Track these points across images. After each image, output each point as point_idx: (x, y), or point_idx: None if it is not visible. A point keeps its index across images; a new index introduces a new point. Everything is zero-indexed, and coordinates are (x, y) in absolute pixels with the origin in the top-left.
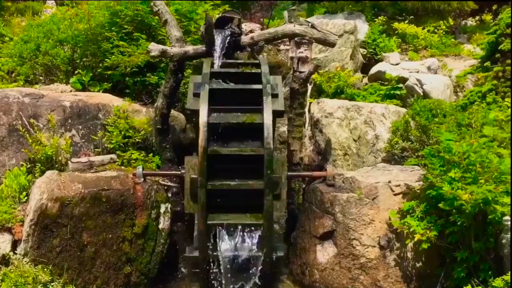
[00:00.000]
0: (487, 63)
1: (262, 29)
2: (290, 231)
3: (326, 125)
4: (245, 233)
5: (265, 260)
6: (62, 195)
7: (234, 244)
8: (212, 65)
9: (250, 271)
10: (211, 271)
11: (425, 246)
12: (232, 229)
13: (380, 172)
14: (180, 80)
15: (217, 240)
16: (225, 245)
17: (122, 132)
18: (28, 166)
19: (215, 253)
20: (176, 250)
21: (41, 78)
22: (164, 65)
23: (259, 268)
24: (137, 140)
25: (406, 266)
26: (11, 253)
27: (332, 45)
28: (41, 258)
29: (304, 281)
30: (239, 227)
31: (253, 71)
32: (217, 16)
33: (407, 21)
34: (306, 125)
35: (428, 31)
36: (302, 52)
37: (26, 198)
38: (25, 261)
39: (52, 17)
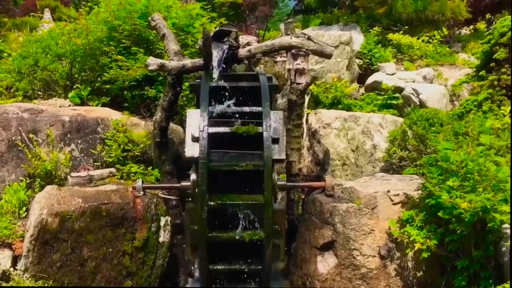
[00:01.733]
0: (482, 72)
1: (258, 41)
2: (290, 242)
3: (324, 136)
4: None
5: None
6: (62, 210)
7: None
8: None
9: None
10: None
11: (425, 255)
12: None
13: (379, 182)
14: (179, 93)
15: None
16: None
17: (121, 146)
18: (28, 181)
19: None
20: (177, 263)
21: (39, 93)
22: (162, 79)
23: None
24: (136, 153)
25: (407, 276)
26: (12, 269)
27: (328, 56)
28: (41, 274)
29: None
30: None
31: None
32: (215, 29)
33: (401, 32)
34: (304, 136)
35: (423, 41)
36: (299, 64)
37: (26, 213)
38: (26, 277)
39: (50, 32)
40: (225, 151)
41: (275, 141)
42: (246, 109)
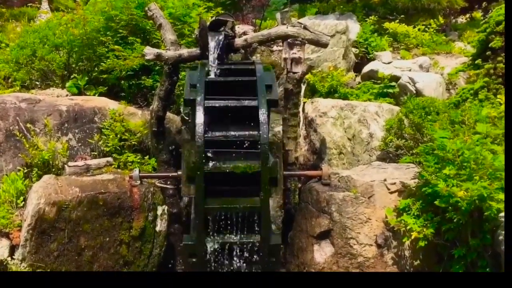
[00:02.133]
0: (478, 61)
1: (254, 30)
2: (287, 231)
3: (320, 125)
4: None
5: None
6: (60, 199)
7: None
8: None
9: None
10: None
11: (422, 243)
12: None
13: (375, 171)
14: (175, 83)
15: None
16: None
17: (118, 135)
18: (25, 170)
19: None
20: (174, 252)
21: (37, 83)
22: (159, 68)
23: None
24: (133, 142)
25: (404, 265)
26: (9, 259)
27: (324, 45)
28: (38, 263)
29: None
30: None
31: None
32: (211, 19)
33: (397, 20)
34: (301, 124)
35: (419, 29)
36: (295, 53)
37: (23, 203)
38: (23, 266)
39: (47, 23)
40: (222, 188)
41: (273, 181)
42: (245, 134)
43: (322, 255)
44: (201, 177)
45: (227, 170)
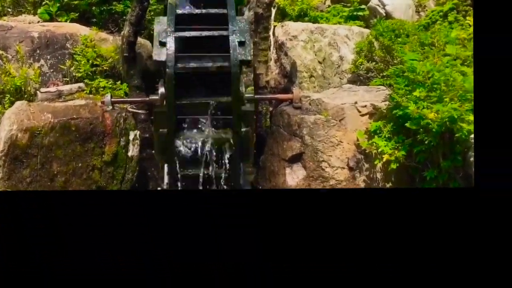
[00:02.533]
0: None
1: None
2: (259, 155)
3: (290, 48)
4: None
5: None
6: (32, 125)
7: None
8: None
9: None
10: None
11: (394, 166)
12: None
13: (346, 93)
14: (146, 8)
15: None
16: None
17: (90, 61)
18: None
19: None
20: (146, 176)
21: (9, 10)
22: None
23: None
24: (104, 68)
25: (375, 187)
26: None
27: None
28: (11, 189)
29: None
30: None
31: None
32: None
33: None
34: (271, 48)
35: None
36: None
37: None
38: None
39: None
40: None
41: (245, 151)
42: (217, 100)
43: (294, 178)
44: (172, 147)
45: (199, 142)
